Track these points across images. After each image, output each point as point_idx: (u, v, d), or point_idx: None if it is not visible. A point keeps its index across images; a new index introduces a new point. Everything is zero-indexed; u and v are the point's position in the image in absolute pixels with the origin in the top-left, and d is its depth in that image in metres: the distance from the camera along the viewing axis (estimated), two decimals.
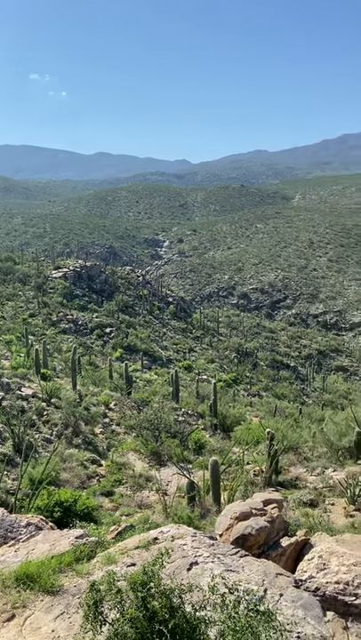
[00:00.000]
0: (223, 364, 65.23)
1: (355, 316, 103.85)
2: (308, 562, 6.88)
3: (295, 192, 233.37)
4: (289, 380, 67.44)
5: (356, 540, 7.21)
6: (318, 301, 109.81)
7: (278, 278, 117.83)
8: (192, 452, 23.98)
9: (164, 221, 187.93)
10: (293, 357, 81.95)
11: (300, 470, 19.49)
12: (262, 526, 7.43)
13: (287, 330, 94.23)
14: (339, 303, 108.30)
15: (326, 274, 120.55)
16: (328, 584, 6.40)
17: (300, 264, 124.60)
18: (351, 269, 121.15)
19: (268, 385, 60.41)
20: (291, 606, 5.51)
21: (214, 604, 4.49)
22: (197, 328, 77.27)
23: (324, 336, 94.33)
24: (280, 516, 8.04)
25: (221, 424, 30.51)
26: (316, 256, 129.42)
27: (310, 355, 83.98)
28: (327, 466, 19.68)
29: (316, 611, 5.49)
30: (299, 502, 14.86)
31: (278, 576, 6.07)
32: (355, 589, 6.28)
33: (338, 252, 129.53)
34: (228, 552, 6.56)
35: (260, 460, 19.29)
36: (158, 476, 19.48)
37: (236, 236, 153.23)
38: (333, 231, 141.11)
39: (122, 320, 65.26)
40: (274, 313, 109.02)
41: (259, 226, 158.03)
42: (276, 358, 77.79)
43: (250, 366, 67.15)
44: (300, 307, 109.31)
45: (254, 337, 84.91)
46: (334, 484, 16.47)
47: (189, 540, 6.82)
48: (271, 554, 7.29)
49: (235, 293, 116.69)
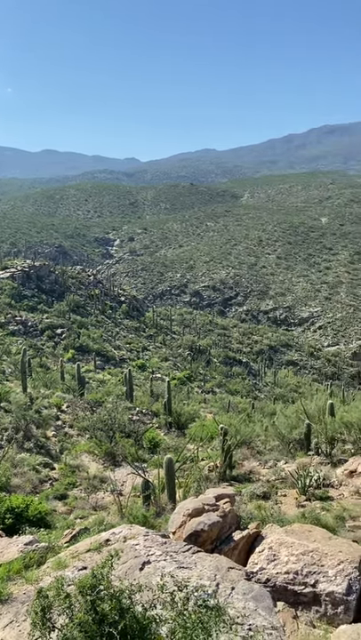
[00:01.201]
0: (177, 361, 65.45)
1: (303, 312, 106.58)
2: (259, 554, 6.98)
3: (244, 191, 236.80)
4: (242, 376, 68.42)
5: (305, 530, 7.37)
6: (268, 298, 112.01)
7: (229, 276, 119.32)
8: (147, 451, 23.92)
9: (114, 220, 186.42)
10: (245, 353, 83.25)
11: (254, 464, 19.80)
12: (215, 521, 7.48)
13: (239, 326, 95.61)
14: (288, 299, 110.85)
15: (275, 271, 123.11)
16: (278, 575, 6.52)
17: (250, 261, 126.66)
18: (299, 266, 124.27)
19: (221, 381, 61.07)
20: (242, 599, 5.57)
21: (164, 603, 4.47)
22: (150, 327, 77.17)
23: (275, 332, 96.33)
24: (232, 511, 8.12)
25: (176, 422, 30.60)
26: (266, 253, 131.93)
27: (262, 350, 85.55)
28: (279, 458, 20.11)
29: (266, 602, 5.57)
30: (252, 495, 15.09)
31: (230, 570, 6.12)
32: (303, 578, 6.42)
33: (286, 250, 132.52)
34: (180, 549, 6.56)
35: (214, 456, 19.48)
36: (113, 477, 19.32)
37: (187, 235, 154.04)
38: (281, 229, 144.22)
39: (73, 320, 64.26)
40: (226, 310, 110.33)
41: (209, 224, 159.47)
42: (228, 355, 78.77)
43: (203, 363, 67.68)
44: (250, 303, 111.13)
45: (207, 334, 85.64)
46: (286, 475, 16.84)
47: (142, 540, 6.78)
48: (224, 548, 7.35)
49: (187, 291, 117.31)
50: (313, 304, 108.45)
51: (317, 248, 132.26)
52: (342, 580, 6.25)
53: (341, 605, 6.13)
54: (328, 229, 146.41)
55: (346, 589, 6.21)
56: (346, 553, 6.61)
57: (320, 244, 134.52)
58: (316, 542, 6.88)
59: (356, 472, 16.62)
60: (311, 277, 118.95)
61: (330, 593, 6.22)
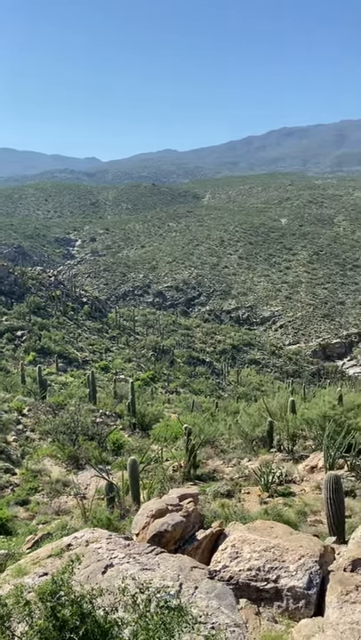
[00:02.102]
0: (140, 362, 65.25)
1: (264, 311, 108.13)
2: (222, 552, 7.03)
3: (205, 191, 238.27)
4: (205, 376, 68.79)
5: (267, 526, 7.46)
6: (231, 297, 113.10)
7: (192, 276, 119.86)
8: (111, 453, 23.72)
9: (75, 220, 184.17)
10: (209, 353, 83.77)
11: (218, 462, 19.94)
12: (178, 521, 7.48)
13: (202, 326, 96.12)
14: (250, 299, 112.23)
15: (237, 271, 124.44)
16: (241, 572, 6.57)
17: (213, 262, 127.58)
18: (260, 266, 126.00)
19: (185, 381, 61.23)
20: (205, 598, 5.59)
21: (126, 606, 4.44)
22: (113, 328, 76.65)
23: (237, 331, 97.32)
24: (195, 510, 8.15)
25: (140, 423, 30.47)
26: (227, 254, 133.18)
27: (225, 350, 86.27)
28: (242, 456, 20.32)
29: (229, 600, 5.61)
30: (216, 494, 15.19)
31: (193, 569, 6.13)
32: (266, 574, 6.50)
33: (247, 250, 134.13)
34: (143, 551, 6.52)
35: (178, 456, 19.49)
36: (76, 480, 19.06)
37: (150, 235, 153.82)
38: (242, 229, 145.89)
39: (34, 322, 63.13)
40: (189, 310, 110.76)
41: (171, 224, 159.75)
42: (192, 355, 79.06)
43: (167, 364, 67.71)
44: (213, 303, 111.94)
45: (170, 334, 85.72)
46: (249, 473, 17.03)
47: (104, 543, 6.71)
48: (187, 548, 7.36)
49: (150, 292, 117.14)
50: (274, 303, 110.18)
51: (278, 248, 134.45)
52: (303, 574, 6.36)
53: (303, 600, 6.23)
54: (288, 230, 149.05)
55: (307, 583, 6.32)
56: (306, 547, 6.72)
57: (280, 244, 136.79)
58: (277, 538, 6.98)
59: (316, 467, 16.97)
60: (272, 277, 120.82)
61: (291, 588, 6.32)
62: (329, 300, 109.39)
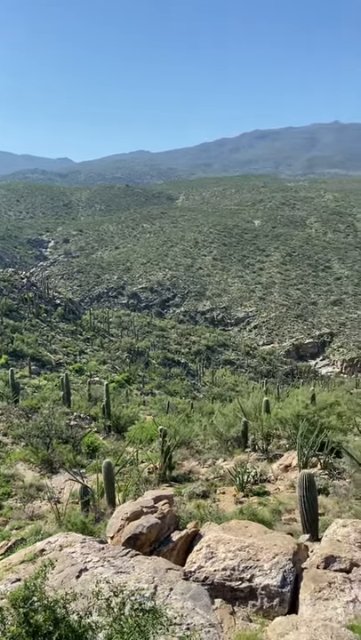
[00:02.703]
0: (115, 364, 64.88)
1: (239, 312, 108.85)
2: (197, 552, 7.04)
3: (179, 193, 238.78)
4: (180, 377, 68.83)
5: (242, 526, 7.50)
6: (205, 299, 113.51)
7: (167, 277, 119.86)
8: (85, 456, 23.49)
9: (47, 221, 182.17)
10: (184, 354, 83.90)
11: (193, 463, 19.98)
12: (153, 523, 7.46)
13: (177, 327, 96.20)
14: (224, 300, 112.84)
15: (211, 272, 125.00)
16: (216, 572, 6.59)
17: (187, 263, 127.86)
18: (234, 267, 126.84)
19: (160, 383, 61.15)
20: (180, 599, 5.59)
21: (100, 609, 4.41)
22: (87, 330, 76.01)
23: (212, 332, 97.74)
24: (171, 512, 8.14)
25: (115, 425, 30.27)
26: (202, 255, 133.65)
27: (200, 351, 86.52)
28: (218, 456, 20.41)
29: (204, 600, 5.62)
30: (191, 495, 15.22)
31: (168, 571, 6.12)
32: (240, 574, 6.53)
33: (221, 251, 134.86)
34: (118, 554, 6.48)
35: (153, 458, 19.45)
36: (50, 485, 18.81)
37: (124, 236, 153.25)
38: (216, 231, 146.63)
39: (6, 325, 62.12)
40: (164, 311, 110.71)
41: (145, 226, 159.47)
42: (167, 356, 79.03)
43: (142, 365, 67.51)
44: (188, 304, 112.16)
45: (145, 336, 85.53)
46: (225, 473, 17.12)
47: (78, 547, 6.64)
48: (163, 549, 7.35)
49: (124, 293, 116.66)
50: (248, 304, 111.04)
51: (251, 250, 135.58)
52: (277, 572, 6.42)
53: (277, 598, 6.28)
54: (261, 231, 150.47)
55: (281, 582, 6.37)
56: (280, 546, 6.79)
57: (254, 245, 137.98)
58: (252, 537, 7.02)
59: (290, 466, 17.17)
60: (246, 278, 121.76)
61: (265, 586, 6.36)
62: (302, 300, 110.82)
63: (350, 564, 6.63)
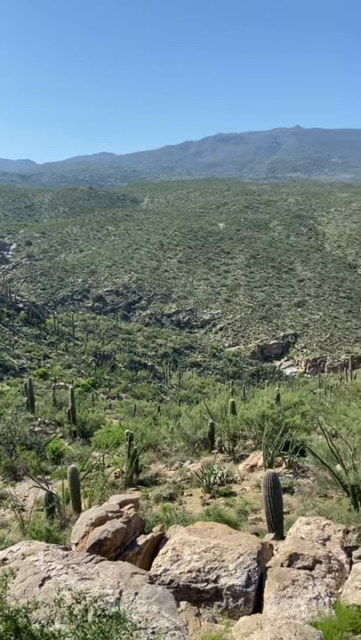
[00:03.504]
0: (81, 368, 64.19)
1: (205, 314, 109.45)
2: (163, 555, 7.02)
3: (144, 195, 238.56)
4: (147, 380, 68.70)
5: (207, 527, 7.53)
6: (171, 301, 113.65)
7: (132, 280, 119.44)
8: (50, 462, 23.13)
9: (9, 223, 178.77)
10: (150, 357, 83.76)
11: (160, 466, 19.94)
12: (118, 528, 7.40)
13: (143, 330, 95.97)
14: (190, 302, 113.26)
15: (177, 274, 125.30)
16: (182, 574, 6.59)
17: (153, 265, 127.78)
18: (199, 270, 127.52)
19: (126, 386, 60.84)
20: (145, 603, 5.56)
21: (63, 617, 4.34)
22: (52, 333, 74.95)
23: (178, 334, 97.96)
24: (136, 516, 8.09)
25: (81, 430, 29.92)
26: (167, 257, 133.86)
27: (166, 353, 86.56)
28: (185, 459, 20.43)
29: (170, 603, 5.61)
30: (158, 498, 15.18)
31: (134, 575, 6.08)
32: (206, 575, 6.55)
33: (187, 254, 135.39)
34: (82, 560, 6.40)
35: (120, 462, 19.31)
36: (14, 492, 18.44)
37: (88, 239, 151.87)
38: (181, 233, 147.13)
39: None
40: (130, 314, 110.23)
41: (110, 228, 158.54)
42: (133, 359, 78.74)
43: (108, 369, 67.04)
44: (154, 307, 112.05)
45: (111, 339, 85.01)
46: (192, 475, 17.15)
47: (42, 555, 6.52)
48: (128, 554, 7.30)
49: (89, 296, 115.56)
50: (214, 306, 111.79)
51: (216, 252, 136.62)
52: (242, 572, 6.46)
53: (241, 597, 6.32)
54: (226, 234, 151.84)
55: (245, 581, 6.42)
56: (245, 546, 6.84)
57: (218, 248, 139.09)
58: (217, 538, 7.05)
59: (256, 466, 17.33)
60: (211, 280, 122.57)
61: (230, 587, 6.40)
62: (266, 302, 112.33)
63: (313, 561, 6.75)
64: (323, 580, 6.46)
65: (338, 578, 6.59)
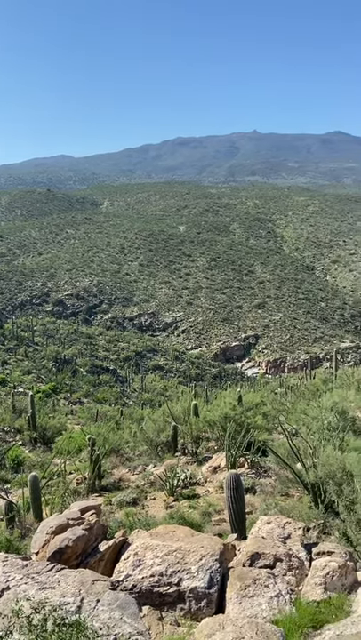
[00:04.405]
0: (41, 374, 63.07)
1: (167, 317, 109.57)
2: (125, 561, 6.97)
3: (103, 198, 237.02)
4: (109, 384, 68.16)
5: (169, 531, 7.53)
6: (133, 304, 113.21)
7: (93, 283, 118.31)
8: (10, 471, 22.63)
9: None
10: (113, 361, 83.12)
11: (123, 471, 19.82)
12: (80, 535, 7.30)
13: (105, 334, 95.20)
14: (152, 305, 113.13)
15: (138, 278, 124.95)
16: (144, 579, 6.56)
17: (114, 269, 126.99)
18: (161, 273, 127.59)
19: (88, 391, 60.20)
20: (107, 609, 5.50)
21: (21, 627, 4.25)
22: (10, 339, 73.38)
23: (141, 337, 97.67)
24: (98, 522, 8.01)
25: (42, 437, 29.43)
26: (128, 261, 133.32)
27: (128, 357, 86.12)
28: (148, 462, 20.38)
29: (132, 609, 5.57)
30: (122, 503, 15.07)
31: (95, 582, 6.01)
32: (168, 579, 6.54)
33: (148, 257, 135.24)
34: (42, 570, 6.28)
35: (82, 468, 19.08)
36: None
37: (47, 242, 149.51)
38: (142, 236, 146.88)
39: None
40: (91, 318, 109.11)
41: (69, 231, 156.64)
42: (95, 363, 77.98)
43: (69, 374, 66.15)
44: (115, 310, 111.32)
45: (72, 343, 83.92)
46: (155, 479, 17.12)
47: (0, 566, 6.36)
48: (90, 561, 7.21)
49: (49, 300, 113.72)
50: (176, 309, 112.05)
51: (177, 255, 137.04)
52: (204, 574, 6.49)
53: (204, 599, 6.34)
54: (186, 237, 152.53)
55: (207, 583, 6.45)
56: (207, 547, 6.87)
57: (180, 250, 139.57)
58: (179, 541, 7.06)
59: (219, 468, 17.46)
60: (173, 283, 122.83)
61: (193, 589, 6.41)
62: (227, 304, 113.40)
63: (274, 559, 6.84)
64: (283, 577, 6.56)
65: (298, 575, 6.71)
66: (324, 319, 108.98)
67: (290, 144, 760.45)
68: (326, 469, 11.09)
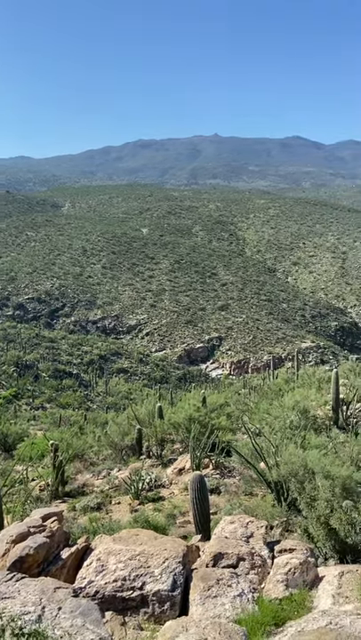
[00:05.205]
0: (1, 379, 61.70)
1: (131, 320, 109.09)
2: (87, 567, 6.88)
3: (64, 200, 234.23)
4: (73, 388, 67.26)
5: (132, 535, 7.48)
6: (96, 307, 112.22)
7: (55, 287, 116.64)
8: None
9: None
10: (76, 365, 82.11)
11: (87, 476, 19.57)
12: (41, 543, 7.16)
13: (68, 338, 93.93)
14: (115, 308, 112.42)
15: (102, 280, 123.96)
16: (107, 584, 6.49)
17: (76, 272, 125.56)
18: (124, 275, 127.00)
19: (51, 396, 59.25)
20: (69, 617, 5.41)
21: None
22: None
23: (104, 341, 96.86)
24: (60, 529, 7.88)
25: (2, 443, 28.72)
26: (91, 263, 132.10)
27: (92, 360, 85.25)
28: (112, 467, 20.19)
29: (94, 615, 5.50)
30: (86, 508, 14.88)
31: (57, 590, 5.91)
32: (131, 583, 6.50)
33: (111, 260, 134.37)
34: (2, 579, 6.12)
35: (45, 474, 18.74)
36: None
37: (6, 245, 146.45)
38: (105, 239, 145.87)
39: None
40: (53, 322, 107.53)
41: (30, 234, 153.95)
42: (58, 368, 76.80)
43: (31, 379, 64.95)
44: (78, 314, 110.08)
45: (34, 348, 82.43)
46: (119, 483, 16.98)
47: None
48: (52, 569, 7.08)
49: (9, 304, 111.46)
50: (139, 312, 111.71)
51: (140, 257, 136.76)
52: (168, 576, 6.47)
53: (167, 602, 6.32)
54: (149, 239, 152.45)
55: (171, 585, 6.43)
56: (170, 550, 6.86)
57: (143, 253, 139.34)
58: (142, 545, 7.02)
59: (184, 469, 17.47)
60: (136, 286, 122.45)
61: (156, 592, 6.38)
62: (191, 306, 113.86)
63: (237, 558, 6.89)
64: (246, 576, 6.62)
65: (261, 573, 6.78)
66: (285, 320, 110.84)
67: (250, 148, 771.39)
68: (289, 467, 11.25)
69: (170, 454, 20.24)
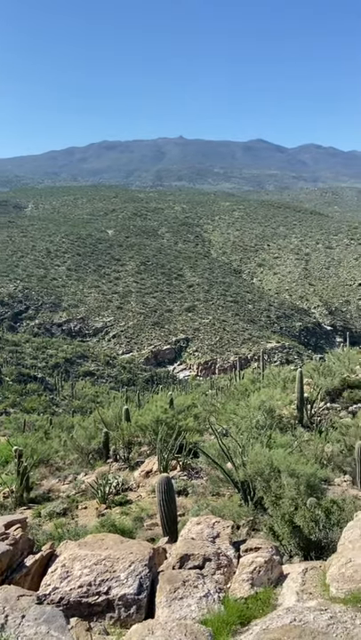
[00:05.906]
0: None
1: (97, 322, 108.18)
2: (52, 574, 6.79)
3: (27, 201, 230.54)
4: (37, 392, 66.14)
5: (98, 539, 7.41)
6: (61, 310, 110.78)
7: (18, 289, 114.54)
8: None
9: None
10: (41, 368, 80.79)
11: (53, 482, 19.31)
12: (4, 551, 7.02)
13: (32, 341, 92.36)
14: (81, 310, 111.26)
15: (67, 282, 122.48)
16: (72, 590, 6.41)
17: (40, 274, 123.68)
18: (90, 277, 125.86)
19: (15, 400, 58.12)
20: (34, 625, 5.33)
21: None
22: None
23: (70, 344, 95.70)
24: (24, 536, 7.74)
25: None
26: (55, 265, 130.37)
27: (57, 364, 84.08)
28: (79, 471, 19.97)
29: (59, 622, 5.43)
30: (52, 514, 14.67)
31: (20, 598, 5.80)
32: (97, 588, 6.44)
33: (76, 261, 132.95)
34: None
35: (9, 481, 18.38)
36: None
37: None
38: (70, 240, 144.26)
39: None
40: (16, 325, 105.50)
41: None
42: (22, 372, 75.36)
43: None
44: (43, 316, 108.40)
45: None
46: (86, 487, 16.81)
47: None
48: (16, 577, 6.95)
49: None
50: (106, 314, 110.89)
51: (106, 259, 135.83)
52: (134, 580, 6.44)
53: (134, 606, 6.29)
54: (115, 241, 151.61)
55: (137, 589, 6.40)
56: (136, 553, 6.83)
57: (108, 255, 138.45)
58: (108, 549, 6.97)
59: (152, 472, 17.43)
60: (102, 288, 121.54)
61: (122, 596, 6.34)
62: (158, 308, 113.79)
63: (203, 559, 6.92)
64: (212, 577, 6.65)
65: (227, 573, 6.83)
66: (251, 321, 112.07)
67: (215, 150, 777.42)
68: (255, 467, 11.39)
69: (137, 457, 20.16)
